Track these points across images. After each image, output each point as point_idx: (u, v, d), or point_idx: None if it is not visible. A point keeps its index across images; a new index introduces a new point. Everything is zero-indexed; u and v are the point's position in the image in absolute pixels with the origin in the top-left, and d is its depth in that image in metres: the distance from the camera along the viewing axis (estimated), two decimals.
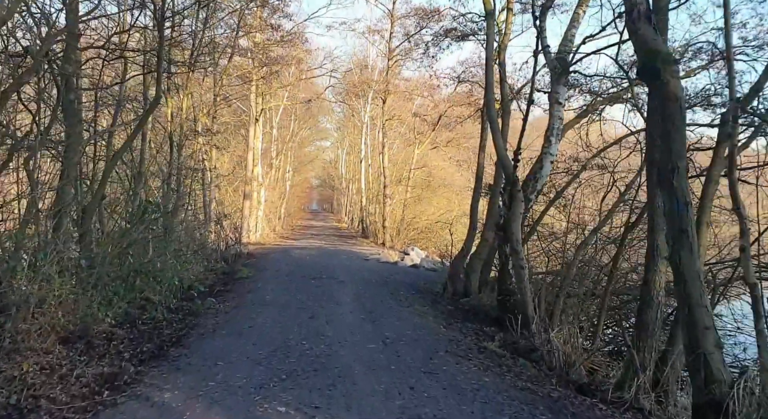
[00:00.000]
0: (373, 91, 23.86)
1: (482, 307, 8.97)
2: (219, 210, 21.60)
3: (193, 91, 16.18)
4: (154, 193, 14.77)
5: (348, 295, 9.81)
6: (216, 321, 7.77)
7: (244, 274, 12.23)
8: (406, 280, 12.36)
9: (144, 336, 7.13)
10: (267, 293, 9.91)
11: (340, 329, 7.16)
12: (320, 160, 59.94)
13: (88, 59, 9.92)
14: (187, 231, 15.96)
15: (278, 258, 15.80)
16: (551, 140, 8.58)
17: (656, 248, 5.51)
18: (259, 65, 17.51)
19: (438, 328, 7.59)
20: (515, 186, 8.37)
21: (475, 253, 10.04)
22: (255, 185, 24.60)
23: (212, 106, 16.55)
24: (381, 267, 14.74)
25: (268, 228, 28.08)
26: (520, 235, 8.44)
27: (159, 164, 16.03)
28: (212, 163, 20.29)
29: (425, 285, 11.91)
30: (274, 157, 32.23)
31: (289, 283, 11.11)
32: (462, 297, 10.04)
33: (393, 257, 18.46)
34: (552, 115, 8.62)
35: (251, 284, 10.98)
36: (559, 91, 8.60)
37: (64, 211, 7.87)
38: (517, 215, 8.36)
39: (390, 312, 8.45)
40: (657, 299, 5.46)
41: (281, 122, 33.86)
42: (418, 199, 25.79)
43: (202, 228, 16.75)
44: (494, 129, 8.57)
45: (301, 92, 30.51)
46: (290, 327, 7.27)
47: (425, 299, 9.96)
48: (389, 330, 7.20)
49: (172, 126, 14.82)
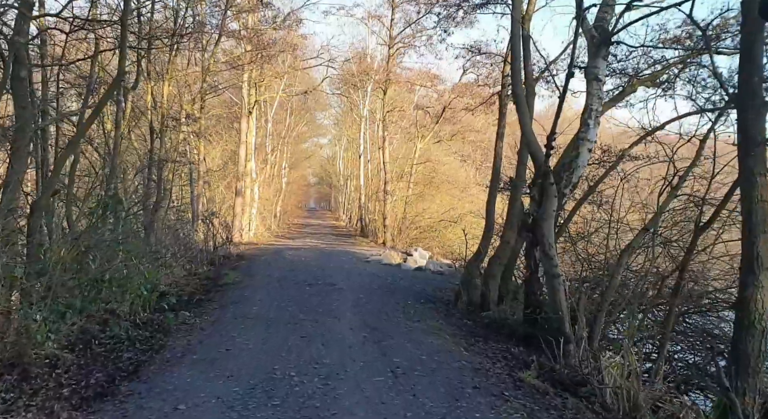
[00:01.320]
0: (373, 81, 22.44)
1: (506, 322, 7.61)
2: (208, 207, 20.24)
3: (177, 77, 14.78)
4: (135, 187, 13.42)
5: (348, 306, 8.45)
6: (188, 342, 6.41)
7: (231, 280, 10.85)
8: (412, 287, 11.00)
9: (97, 361, 5.78)
10: (254, 304, 8.54)
11: (339, 354, 5.79)
12: (317, 157, 58.65)
13: (42, 30, 8.54)
14: (169, 230, 14.59)
15: (270, 261, 14.42)
16: (589, 124, 7.21)
17: (757, 257, 4.15)
18: (251, 49, 16.08)
19: (458, 351, 6.22)
20: (548, 178, 7.01)
21: (495, 257, 8.69)
22: (248, 181, 23.19)
23: (198, 94, 15.13)
24: (383, 271, 13.37)
25: (263, 227, 26.68)
26: (554, 237, 7.08)
27: (140, 156, 14.69)
28: (200, 156, 18.91)
29: (435, 292, 10.55)
30: (269, 153, 30.82)
31: (281, 291, 9.74)
32: (479, 308, 8.68)
33: (395, 259, 17.08)
34: (590, 95, 7.24)
35: (237, 292, 9.61)
36: (598, 66, 7.23)
37: (6, 207, 6.50)
38: (549, 213, 7.00)
39: (398, 328, 7.08)
40: (761, 325, 4.10)
41: (277, 117, 32.45)
42: (420, 196, 24.43)
43: (187, 228, 15.36)
44: (522, 109, 7.20)
45: (298, 84, 29.11)
46: (277, 351, 5.90)
47: (437, 310, 8.60)
48: (399, 354, 5.83)
49: (152, 114, 13.44)
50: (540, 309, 7.21)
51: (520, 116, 7.22)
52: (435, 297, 9.97)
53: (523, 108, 7.25)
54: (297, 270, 12.67)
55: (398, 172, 25.01)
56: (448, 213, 24.01)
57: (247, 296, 9.22)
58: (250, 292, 9.56)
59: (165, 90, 13.23)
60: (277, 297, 9.08)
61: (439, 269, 14.10)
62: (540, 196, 7.14)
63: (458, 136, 22.86)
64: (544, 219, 6.98)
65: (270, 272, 12.19)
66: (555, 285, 6.79)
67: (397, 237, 22.57)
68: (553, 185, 7.02)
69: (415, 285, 11.20)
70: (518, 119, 7.20)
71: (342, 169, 47.50)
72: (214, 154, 25.15)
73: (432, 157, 24.08)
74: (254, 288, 9.96)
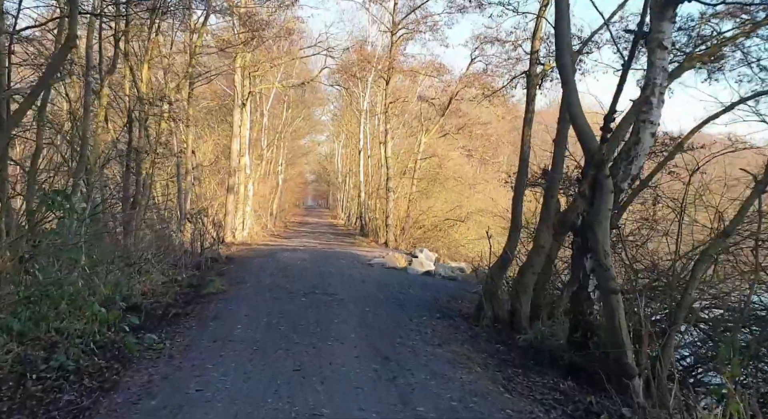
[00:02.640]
0: (375, 70, 21.01)
1: (545, 346, 6.22)
2: (196, 205, 18.83)
3: (160, 58, 13.34)
4: (105, 181, 12.00)
5: (351, 324, 7.05)
6: (149, 377, 5.00)
7: (215, 289, 9.43)
8: (423, 296, 9.61)
9: (25, 407, 4.39)
10: (239, 320, 7.13)
11: (343, 400, 4.38)
12: (315, 154, 57.25)
13: None
14: (151, 230, 13.17)
15: (263, 265, 13.01)
16: (651, 102, 5.80)
17: None
18: (244, 30, 14.62)
19: (497, 392, 4.82)
20: (602, 170, 5.61)
21: (527, 265, 7.29)
22: (242, 177, 21.75)
23: (184, 79, 13.68)
24: (388, 276, 11.97)
25: (257, 226, 25.24)
26: (609, 243, 5.69)
27: (117, 147, 13.26)
28: (189, 149, 17.46)
29: (450, 303, 9.17)
30: (264, 148, 29.38)
31: (272, 303, 8.33)
32: (508, 326, 7.29)
33: (400, 262, 15.68)
34: (652, 66, 5.83)
35: (221, 304, 8.20)
36: (663, 30, 5.81)
37: None
38: (604, 213, 5.60)
39: (416, 358, 5.68)
40: None
41: (273, 111, 31.02)
42: (424, 193, 23.02)
43: (171, 228, 13.93)
44: (568, 83, 5.79)
45: (295, 76, 27.68)
46: (263, 393, 4.50)
47: (458, 329, 7.20)
48: (423, 400, 4.43)
49: (131, 100, 12.02)
50: (591, 332, 5.83)
51: (565, 93, 5.82)
52: (451, 310, 8.58)
53: (570, 81, 5.84)
54: (292, 275, 11.26)
55: (401, 167, 23.61)
56: (453, 212, 22.63)
57: (232, 310, 7.81)
58: (236, 305, 8.15)
59: (144, 73, 11.79)
60: (267, 312, 7.68)
61: (450, 274, 12.70)
62: (592, 191, 5.74)
63: (465, 130, 21.43)
64: (598, 220, 5.59)
65: (261, 278, 10.78)
66: (612, 303, 5.40)
67: (399, 237, 21.18)
68: (609, 178, 5.63)
69: (426, 295, 9.81)
70: (563, 97, 5.82)
71: (340, 166, 46.21)
72: (206, 149, 23.71)
73: (438, 152, 22.64)
74: (241, 300, 8.55)
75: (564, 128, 7.21)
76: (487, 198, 20.92)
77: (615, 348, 5.39)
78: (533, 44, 8.34)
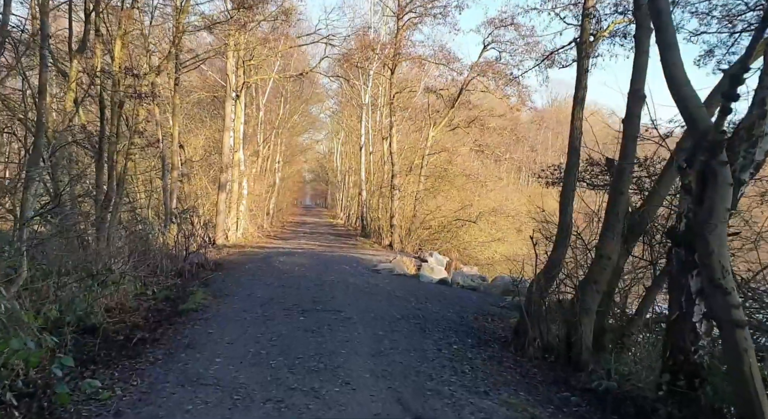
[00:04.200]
0: (379, 59, 19.40)
1: (628, 393, 4.63)
2: (182, 204, 17.21)
3: (139, 37, 11.75)
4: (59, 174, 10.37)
5: (363, 357, 5.45)
6: None
7: (195, 304, 7.84)
8: (445, 313, 8.01)
9: None
10: (218, 351, 5.53)
11: None
12: (313, 152, 55.68)
13: None
14: (128, 232, 11.54)
15: (256, 272, 11.40)
16: None
17: None
18: (236, 5, 13.00)
19: None
20: (717, 154, 4.04)
21: (588, 281, 5.68)
22: (236, 174, 20.11)
23: (166, 60, 12.03)
24: (399, 286, 10.37)
25: (252, 227, 23.60)
26: (728, 255, 4.11)
27: (91, 138, 11.65)
28: (175, 142, 15.83)
29: (480, 322, 7.57)
30: (260, 144, 27.74)
31: (263, 325, 6.73)
32: (564, 357, 5.70)
33: (409, 267, 14.11)
34: None
35: (199, 326, 6.60)
36: None
37: None
38: (720, 213, 4.03)
39: (458, 417, 4.07)
40: None
41: (269, 106, 29.39)
42: (431, 192, 21.44)
43: (151, 229, 12.30)
44: (667, 37, 4.21)
45: (292, 65, 26.07)
46: None
47: (502, 364, 5.60)
48: None
49: (102, 83, 10.41)
50: (699, 378, 4.25)
51: (662, 50, 4.24)
52: (484, 332, 6.98)
53: (667, 31, 4.26)
54: (288, 285, 9.67)
55: (406, 164, 22.01)
56: (463, 211, 21.04)
57: (212, 334, 6.21)
58: (218, 326, 6.55)
59: (117, 50, 10.16)
60: (255, 337, 6.08)
61: (470, 283, 11.09)
62: (701, 184, 4.17)
63: (476, 123, 19.79)
64: (711, 224, 4.02)
65: (253, 289, 9.18)
66: (738, 340, 3.82)
67: (405, 239, 19.57)
68: (727, 166, 4.06)
69: (448, 311, 8.21)
70: (661, 58, 4.22)
71: (339, 164, 44.71)
72: (197, 143, 22.06)
73: (448, 147, 21.01)
74: (225, 319, 6.95)
75: (635, 105, 5.63)
76: (501, 196, 19.31)
77: (742, 405, 3.83)
78: (586, 2, 6.75)
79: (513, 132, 19.39)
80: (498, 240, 19.83)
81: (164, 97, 18.98)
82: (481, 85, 18.11)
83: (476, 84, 18.17)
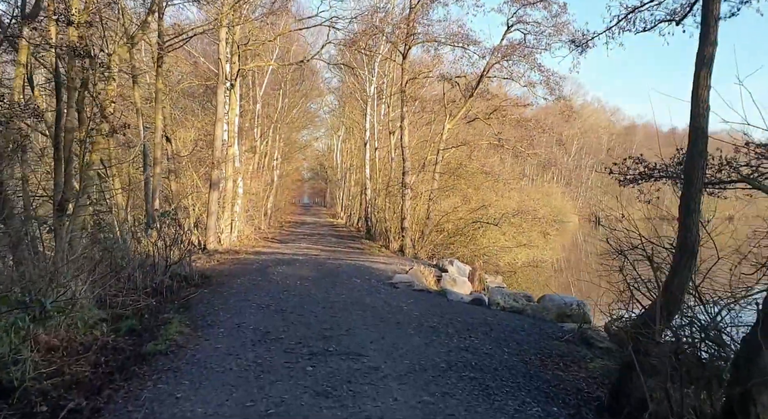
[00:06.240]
0: (389, 40, 17.35)
1: None
2: (169, 205, 15.21)
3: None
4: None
5: None
6: None
7: (167, 342, 5.83)
8: (505, 356, 5.97)
9: None
10: None
11: None
12: (312, 150, 53.70)
13: None
14: (91, 241, 9.50)
15: (249, 288, 9.38)
16: None
17: None
18: None
19: None
20: None
21: (765, 333, 3.68)
22: (230, 170, 18.07)
23: (140, 30, 9.95)
24: (428, 309, 8.34)
25: (248, 228, 21.56)
26: None
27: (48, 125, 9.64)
28: (159, 133, 13.80)
29: (555, 371, 5.55)
30: (257, 138, 25.68)
31: (255, 384, 4.71)
32: None
33: (429, 280, 12.12)
34: None
35: (163, 387, 4.56)
36: None
37: None
38: None
39: None
40: None
41: (267, 99, 27.35)
42: (445, 191, 19.42)
43: (119, 237, 10.27)
44: None
45: (293, 52, 24.06)
46: None
47: None
48: None
49: (59, 56, 8.40)
50: None
51: None
52: (565, 388, 4.97)
53: None
54: (289, 310, 7.64)
55: (417, 160, 20.00)
56: (480, 212, 19.02)
57: (180, 401, 4.19)
58: (191, 386, 4.53)
59: (77, 16, 8.10)
60: (243, 408, 4.07)
61: (513, 304, 9.04)
62: None
63: (498, 113, 17.75)
64: None
65: (243, 316, 7.16)
66: None
67: (418, 244, 17.55)
68: None
69: (504, 352, 6.17)
70: None
71: (340, 161, 42.76)
72: (187, 137, 20.01)
73: (468, 140, 18.97)
74: (203, 371, 4.92)
75: None
76: (524, 196, 17.31)
77: None
78: None
79: (539, 124, 17.42)
80: (523, 246, 17.81)
81: (148, 83, 16.95)
82: (505, 71, 16.12)
83: (499, 70, 16.17)
